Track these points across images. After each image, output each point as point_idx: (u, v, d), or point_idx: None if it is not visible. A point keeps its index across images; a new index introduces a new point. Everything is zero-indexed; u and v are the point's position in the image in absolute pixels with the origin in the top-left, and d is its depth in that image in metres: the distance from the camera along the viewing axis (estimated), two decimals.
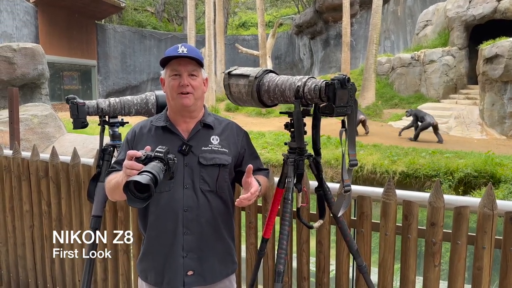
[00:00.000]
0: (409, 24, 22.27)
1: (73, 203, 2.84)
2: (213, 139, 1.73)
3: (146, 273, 1.76)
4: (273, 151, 10.61)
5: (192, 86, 1.66)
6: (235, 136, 1.80)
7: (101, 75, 27.16)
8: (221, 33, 21.18)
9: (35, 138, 7.10)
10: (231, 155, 1.74)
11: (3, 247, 3.29)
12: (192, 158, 1.67)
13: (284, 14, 34.32)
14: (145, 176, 1.28)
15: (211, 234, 1.70)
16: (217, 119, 1.82)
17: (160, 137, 1.71)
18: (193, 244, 1.67)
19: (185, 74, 1.65)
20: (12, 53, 8.55)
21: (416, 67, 16.80)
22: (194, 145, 1.68)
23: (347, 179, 1.61)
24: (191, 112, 1.72)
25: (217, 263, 1.74)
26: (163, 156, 1.41)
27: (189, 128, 1.73)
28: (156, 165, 1.36)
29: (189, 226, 1.66)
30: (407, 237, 1.91)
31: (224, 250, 1.77)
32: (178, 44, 1.66)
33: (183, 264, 1.67)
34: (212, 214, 1.69)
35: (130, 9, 31.34)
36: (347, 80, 1.50)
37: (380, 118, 15.05)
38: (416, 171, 8.68)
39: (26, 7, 21.28)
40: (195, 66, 1.67)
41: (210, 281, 1.72)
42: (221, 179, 1.71)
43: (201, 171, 1.67)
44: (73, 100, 2.11)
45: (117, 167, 1.73)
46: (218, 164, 1.69)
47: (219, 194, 1.72)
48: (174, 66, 1.65)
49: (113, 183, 1.62)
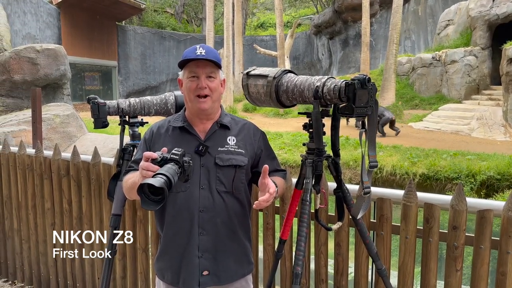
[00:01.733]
0: (430, 24, 21.89)
1: (94, 202, 2.88)
2: (230, 139, 1.73)
3: (162, 272, 1.77)
4: (291, 151, 10.57)
5: (209, 88, 1.65)
6: (252, 137, 1.79)
7: (121, 75, 27.55)
8: (239, 33, 21.23)
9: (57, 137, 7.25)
10: (247, 155, 1.73)
11: (26, 244, 3.37)
12: (209, 159, 1.68)
13: (302, 14, 34.19)
14: (159, 179, 1.28)
15: (226, 234, 1.70)
16: (234, 119, 1.82)
17: (177, 137, 1.72)
18: (209, 244, 1.67)
19: (203, 76, 1.65)
20: (36, 54, 8.74)
21: (437, 68, 16.50)
22: (210, 146, 1.69)
23: (367, 181, 1.59)
24: (208, 114, 1.72)
25: (233, 263, 1.74)
26: (179, 158, 1.41)
27: (206, 129, 1.73)
28: (171, 168, 1.36)
29: (205, 226, 1.66)
30: (428, 240, 1.88)
31: (240, 250, 1.76)
32: (196, 45, 1.66)
33: (199, 264, 1.67)
34: (228, 214, 1.69)
35: (150, 11, 31.70)
36: (367, 80, 1.48)
37: (400, 119, 14.83)
38: (437, 173, 8.52)
39: (49, 9, 21.75)
40: (213, 68, 1.66)
41: (225, 281, 1.72)
42: (237, 180, 1.71)
43: (217, 171, 1.67)
44: (94, 100, 2.14)
45: (134, 166, 1.75)
46: (234, 165, 1.69)
47: (235, 195, 1.71)
48: (192, 68, 1.65)
49: (130, 183, 1.64)
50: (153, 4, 32.42)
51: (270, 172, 1.73)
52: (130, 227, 2.71)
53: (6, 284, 3.54)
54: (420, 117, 14.70)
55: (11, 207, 3.39)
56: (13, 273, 3.52)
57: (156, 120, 1.93)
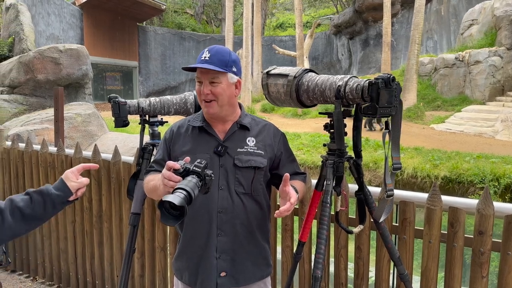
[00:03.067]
0: (453, 24, 21.45)
1: (113, 200, 2.90)
2: (249, 140, 1.71)
3: (180, 272, 1.77)
4: (309, 152, 10.50)
5: (213, 93, 1.63)
6: (272, 138, 1.76)
7: (142, 76, 27.89)
8: (258, 34, 21.23)
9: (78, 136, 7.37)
10: (266, 157, 1.71)
11: (47, 241, 3.42)
12: (228, 160, 1.66)
13: (322, 14, 33.98)
14: (179, 196, 1.26)
15: (244, 236, 1.69)
16: (254, 120, 1.80)
17: (197, 137, 1.71)
18: (227, 246, 1.66)
19: (206, 82, 1.63)
20: (59, 54, 8.91)
21: (460, 68, 16.15)
22: (229, 146, 1.67)
23: (390, 183, 1.55)
24: (219, 118, 1.70)
25: (251, 265, 1.72)
26: (201, 171, 1.39)
27: (226, 129, 1.72)
28: (191, 181, 1.35)
29: (223, 227, 1.65)
30: (453, 245, 1.82)
31: (258, 252, 1.75)
32: (206, 48, 1.65)
33: (216, 265, 1.66)
34: (246, 216, 1.68)
35: (170, 11, 32.00)
36: (392, 80, 1.43)
37: (421, 121, 14.57)
38: (460, 176, 8.33)
39: (72, 10, 22.18)
40: (216, 73, 1.62)
41: (243, 283, 1.71)
42: (256, 181, 1.69)
43: (236, 173, 1.66)
44: (115, 100, 2.15)
45: (155, 166, 1.75)
46: (253, 167, 1.67)
47: (254, 197, 1.70)
48: (197, 73, 1.65)
49: (151, 185, 1.64)
50: (173, 5, 32.72)
51: (290, 176, 1.70)
52: (149, 225, 2.72)
53: (27, 280, 3.61)
54: (442, 118, 14.40)
55: None
56: (35, 269, 3.59)
57: (175, 120, 1.93)
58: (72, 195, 1.41)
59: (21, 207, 1.32)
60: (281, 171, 1.75)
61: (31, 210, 1.33)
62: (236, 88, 1.69)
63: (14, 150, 3.54)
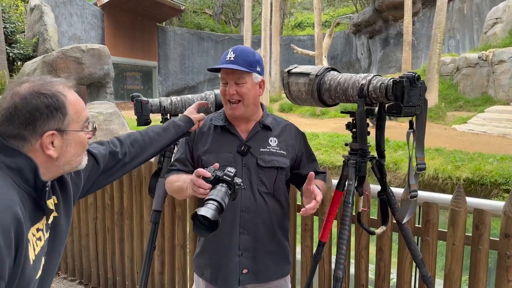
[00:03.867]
0: (476, 23, 20.98)
1: (134, 197, 2.93)
2: (271, 140, 1.72)
3: (202, 269, 1.78)
4: (327, 152, 10.42)
5: (238, 93, 1.63)
6: (294, 138, 1.78)
7: (161, 75, 28.17)
8: (277, 33, 21.20)
9: (100, 134, 7.48)
10: (289, 157, 1.72)
11: (69, 237, 3.48)
12: (250, 159, 1.67)
13: (341, 13, 33.70)
14: (212, 208, 1.27)
15: (266, 234, 1.71)
16: (276, 119, 1.81)
17: (220, 136, 1.72)
18: (249, 244, 1.68)
19: (231, 82, 1.63)
20: (81, 54, 9.08)
21: (483, 68, 15.78)
22: (252, 146, 1.68)
23: (414, 184, 1.52)
24: (242, 118, 1.71)
25: (272, 263, 1.74)
26: (231, 180, 1.39)
27: (248, 129, 1.73)
28: (221, 190, 1.35)
29: (246, 226, 1.67)
30: (478, 248, 1.78)
31: (279, 251, 1.76)
32: (230, 48, 1.65)
33: (239, 263, 1.68)
34: (268, 215, 1.70)
35: (190, 12, 32.22)
36: (416, 78, 1.41)
37: (443, 121, 14.30)
38: (482, 178, 8.14)
39: (93, 10, 22.56)
40: (241, 74, 1.62)
41: (263, 279, 1.73)
42: (278, 181, 1.71)
43: (259, 172, 1.67)
44: (138, 98, 2.18)
45: (178, 165, 1.76)
46: (276, 167, 1.69)
47: (276, 196, 1.72)
48: (222, 74, 1.65)
49: (176, 186, 1.65)
50: (192, 5, 32.94)
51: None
52: (169, 223, 2.75)
53: None
54: (464, 119, 14.10)
55: None
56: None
57: None
58: (194, 125, 1.72)
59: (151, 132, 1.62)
60: (302, 171, 1.76)
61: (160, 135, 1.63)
62: (260, 88, 1.70)
63: None
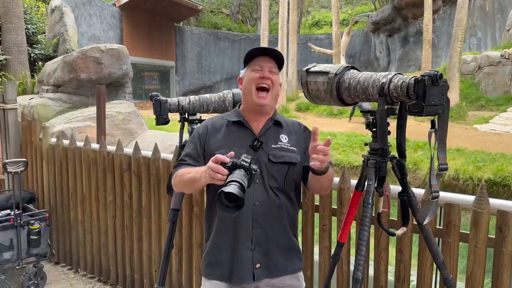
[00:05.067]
0: (499, 20, 20.48)
1: (153, 196, 2.96)
2: (282, 137, 1.76)
3: (213, 268, 1.75)
4: (345, 152, 10.33)
5: (271, 80, 1.70)
6: (302, 135, 1.82)
7: (178, 75, 28.36)
8: (294, 32, 21.11)
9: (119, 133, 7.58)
10: (299, 153, 1.75)
11: (88, 235, 3.54)
12: (262, 155, 1.70)
13: (359, 11, 33.36)
14: (237, 188, 1.32)
15: (278, 229, 1.73)
16: (284, 119, 1.86)
17: (233, 132, 1.74)
18: (261, 238, 1.69)
19: (266, 69, 1.71)
20: (100, 54, 9.20)
21: (506, 66, 15.40)
22: (264, 142, 1.71)
23: (436, 185, 1.49)
24: (265, 112, 1.76)
25: (282, 258, 1.75)
26: (248, 166, 1.44)
27: (260, 125, 1.76)
28: (240, 174, 1.40)
29: (259, 220, 1.68)
30: (501, 250, 1.73)
31: (290, 246, 1.78)
32: (261, 47, 1.74)
33: (252, 257, 1.68)
34: (280, 210, 1.72)
35: (207, 11, 32.35)
36: (439, 77, 1.38)
37: (464, 121, 14.01)
38: (505, 179, 7.94)
39: (112, 11, 22.85)
40: (275, 65, 1.74)
41: (275, 274, 1.73)
42: (289, 177, 1.72)
43: (271, 167, 1.69)
44: (156, 98, 2.20)
45: (187, 160, 1.76)
46: (287, 162, 1.71)
47: (287, 192, 1.74)
48: (258, 61, 1.72)
49: (187, 178, 1.65)
50: (209, 5, 33.06)
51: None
52: (187, 222, 2.76)
53: (70, 272, 3.75)
54: (486, 119, 13.79)
55: (76, 199, 3.58)
56: (77, 262, 3.72)
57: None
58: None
59: None
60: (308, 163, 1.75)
61: None
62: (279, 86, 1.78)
63: (59, 146, 3.69)
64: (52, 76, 9.67)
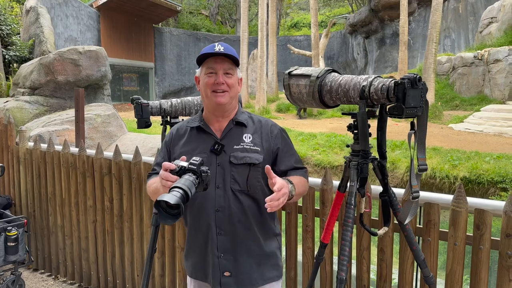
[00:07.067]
0: (471, 22, 21.08)
1: (134, 200, 2.93)
2: (246, 137, 1.69)
3: (190, 268, 1.78)
4: (325, 152, 10.43)
5: (227, 84, 1.62)
6: (269, 133, 1.72)
7: (157, 77, 28.11)
8: (273, 34, 21.21)
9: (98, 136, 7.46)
10: (263, 153, 1.67)
11: (68, 240, 3.47)
12: (224, 158, 1.65)
13: (337, 13, 33.76)
14: (175, 195, 1.28)
15: (245, 235, 1.66)
16: (251, 117, 1.77)
17: (194, 137, 1.72)
18: (227, 245, 1.65)
19: (221, 72, 1.62)
20: (78, 56, 9.03)
21: (479, 67, 15.85)
22: (226, 144, 1.66)
23: (416, 185, 1.53)
24: (225, 111, 1.69)
25: (255, 266, 1.68)
26: (196, 168, 1.41)
27: (222, 127, 1.71)
28: (188, 179, 1.36)
29: (222, 226, 1.64)
30: (479, 248, 1.78)
31: (262, 253, 1.70)
32: (215, 43, 1.65)
33: (219, 264, 1.65)
34: (244, 214, 1.65)
35: (186, 13, 32.17)
36: (418, 80, 1.41)
37: (439, 120, 14.35)
38: (479, 176, 8.16)
39: (89, 12, 22.48)
40: (231, 65, 1.64)
41: (248, 285, 1.68)
42: (252, 178, 1.65)
43: (232, 170, 1.64)
44: (138, 101, 2.17)
45: (157, 169, 1.76)
46: (248, 163, 1.64)
47: (251, 195, 1.66)
48: (210, 64, 1.63)
49: (153, 188, 1.67)
50: (188, 6, 32.90)
51: (288, 171, 1.71)
52: (170, 226, 2.74)
53: (49, 279, 3.67)
54: (460, 118, 14.16)
55: (55, 204, 3.51)
56: (56, 268, 3.65)
57: None
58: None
59: None
60: (279, 167, 1.71)
61: None
62: (238, 85, 1.71)
63: (36, 150, 3.61)
64: (28, 79, 9.45)
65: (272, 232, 1.77)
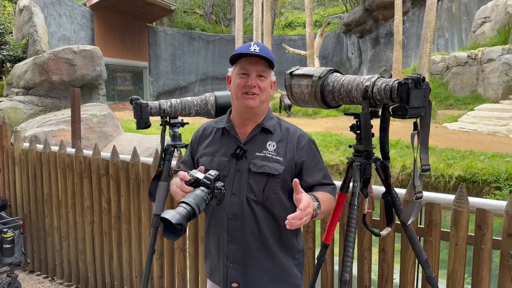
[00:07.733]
0: (465, 22, 21.20)
1: (132, 201, 2.91)
2: (269, 145, 1.60)
3: (209, 270, 1.76)
4: (321, 152, 10.44)
5: (259, 87, 1.55)
6: (295, 144, 1.63)
7: (152, 76, 27.99)
8: (268, 33, 21.19)
9: (94, 137, 7.41)
10: (284, 164, 1.58)
11: (65, 241, 3.44)
12: (244, 164, 1.59)
13: (331, 13, 33.80)
14: (180, 212, 1.26)
15: (257, 247, 1.59)
16: (280, 123, 1.69)
17: (219, 139, 1.68)
18: (237, 255, 1.60)
19: (254, 74, 1.55)
20: (73, 55, 8.96)
21: (473, 66, 15.94)
22: (248, 150, 1.60)
23: (419, 185, 1.52)
24: (254, 115, 1.62)
25: (267, 281, 1.61)
26: (210, 184, 1.37)
27: (247, 131, 1.64)
28: (198, 195, 1.33)
29: (234, 234, 1.58)
30: (481, 248, 1.78)
31: (276, 268, 1.62)
32: (250, 42, 1.58)
33: (227, 275, 1.61)
34: (257, 226, 1.58)
35: (180, 12, 32.06)
36: (421, 80, 1.41)
37: (434, 120, 14.40)
38: (474, 175, 8.22)
39: (83, 11, 22.33)
40: (265, 67, 1.57)
41: None
42: (269, 189, 1.57)
43: (250, 178, 1.57)
44: (137, 101, 2.15)
45: (182, 167, 1.77)
46: (266, 173, 1.56)
47: (267, 206, 1.58)
48: (244, 65, 1.56)
49: (173, 189, 1.65)
50: (182, 6, 32.77)
51: (316, 186, 1.63)
52: None
53: (46, 281, 3.63)
54: (455, 117, 14.24)
55: (52, 205, 3.48)
56: (53, 270, 3.61)
57: (196, 121, 1.93)
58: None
59: None
60: (305, 180, 1.61)
61: None
62: (271, 88, 1.65)
63: (32, 151, 3.57)
64: (22, 78, 9.36)
65: (293, 248, 1.68)
